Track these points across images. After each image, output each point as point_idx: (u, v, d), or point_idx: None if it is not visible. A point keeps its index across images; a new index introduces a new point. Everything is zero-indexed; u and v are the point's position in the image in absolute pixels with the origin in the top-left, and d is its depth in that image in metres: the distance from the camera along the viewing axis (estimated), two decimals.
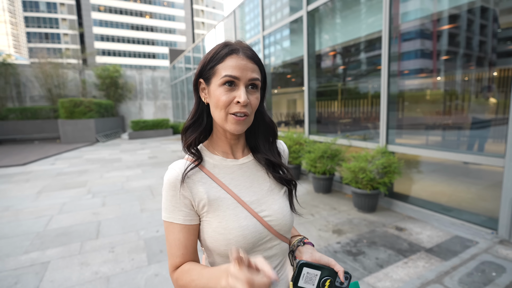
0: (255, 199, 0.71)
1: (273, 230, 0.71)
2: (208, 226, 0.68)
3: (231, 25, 8.40)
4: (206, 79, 0.69)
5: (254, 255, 0.66)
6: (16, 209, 4.02)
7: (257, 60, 0.68)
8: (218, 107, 0.66)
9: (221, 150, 0.75)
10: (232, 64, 0.64)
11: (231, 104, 0.65)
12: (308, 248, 0.74)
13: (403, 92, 3.76)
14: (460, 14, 3.17)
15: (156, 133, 14.58)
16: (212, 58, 0.66)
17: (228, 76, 0.64)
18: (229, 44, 0.67)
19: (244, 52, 0.66)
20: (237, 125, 0.66)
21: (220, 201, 0.68)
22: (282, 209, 0.73)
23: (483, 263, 2.26)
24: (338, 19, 4.62)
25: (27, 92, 15.50)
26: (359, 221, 3.26)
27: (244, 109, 0.65)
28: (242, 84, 0.65)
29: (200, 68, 0.69)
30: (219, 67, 0.65)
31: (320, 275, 0.67)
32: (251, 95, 0.67)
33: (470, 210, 3.08)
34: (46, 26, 48.63)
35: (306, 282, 0.66)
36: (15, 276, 2.33)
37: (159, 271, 2.36)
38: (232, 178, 0.72)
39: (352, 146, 4.28)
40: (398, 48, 3.59)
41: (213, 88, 0.67)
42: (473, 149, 3.13)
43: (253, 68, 0.66)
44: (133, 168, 6.77)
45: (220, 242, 0.66)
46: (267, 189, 0.74)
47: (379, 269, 2.28)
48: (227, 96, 0.64)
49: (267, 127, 0.78)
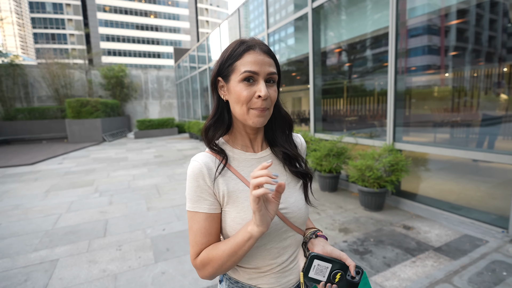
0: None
1: (288, 222, 0.73)
2: (227, 216, 0.70)
3: (235, 24, 8.38)
4: (224, 76, 0.70)
5: (270, 244, 0.72)
6: (25, 207, 4.09)
7: (272, 54, 0.70)
8: (240, 102, 0.67)
9: (240, 144, 0.77)
10: (250, 60, 0.65)
11: (252, 99, 0.66)
12: (320, 240, 0.76)
13: (411, 89, 3.70)
14: (468, 9, 3.11)
15: (161, 132, 14.66)
16: (230, 56, 0.68)
17: (248, 71, 0.65)
18: (245, 41, 0.68)
19: (260, 48, 0.68)
20: (259, 118, 0.68)
21: (239, 192, 0.71)
22: (298, 202, 0.75)
23: (493, 262, 2.22)
24: (344, 16, 4.57)
25: (35, 93, 15.71)
26: (366, 220, 3.23)
27: (265, 104, 0.67)
28: (261, 79, 0.66)
29: (218, 67, 0.71)
30: (238, 63, 0.66)
31: (331, 268, 0.67)
32: (270, 88, 0.68)
33: (480, 209, 3.02)
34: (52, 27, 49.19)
35: (316, 274, 0.67)
36: (25, 274, 2.36)
37: (166, 269, 2.37)
38: (250, 171, 0.74)
39: (358, 144, 4.24)
40: (405, 44, 3.53)
41: (232, 85, 0.68)
42: (482, 147, 3.07)
43: (270, 63, 0.68)
44: (139, 167, 6.82)
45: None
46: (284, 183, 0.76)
47: (387, 268, 2.26)
48: (248, 91, 0.66)
49: (283, 119, 0.79)
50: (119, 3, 50.53)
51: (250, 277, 0.75)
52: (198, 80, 12.71)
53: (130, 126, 18.15)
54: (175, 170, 6.27)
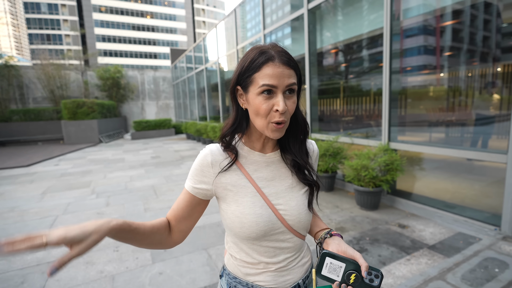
0: (274, 192, 0.76)
1: (286, 224, 0.75)
2: (227, 207, 0.74)
3: (232, 24, 8.39)
4: (243, 87, 0.70)
5: (266, 243, 0.74)
6: (21, 209, 4.07)
7: (293, 64, 0.69)
8: (259, 115, 0.68)
9: (253, 144, 0.79)
10: (269, 73, 0.65)
11: (271, 112, 0.67)
12: (335, 239, 0.75)
13: (406, 89, 3.74)
14: (463, 9, 3.15)
15: (158, 133, 14.63)
16: (249, 67, 0.67)
17: (266, 85, 0.65)
18: (265, 52, 0.67)
19: (280, 59, 0.66)
20: (276, 132, 0.69)
21: (241, 187, 0.74)
22: (299, 206, 0.76)
23: (486, 260, 2.26)
24: (339, 16, 4.61)
25: (30, 94, 15.60)
26: (362, 219, 3.26)
27: (283, 117, 0.67)
28: (279, 92, 0.66)
29: (237, 76, 0.71)
30: (256, 76, 0.66)
31: (345, 268, 0.65)
32: (288, 99, 0.68)
33: (473, 207, 3.07)
34: (47, 28, 48.83)
35: (329, 272, 0.66)
36: (22, 276, 2.36)
37: (163, 270, 2.38)
38: (256, 170, 0.76)
39: (354, 144, 4.27)
40: (400, 44, 3.57)
41: (251, 97, 0.68)
42: (476, 146, 3.11)
43: (289, 74, 0.67)
44: (136, 168, 6.81)
45: (236, 224, 0.72)
46: (288, 186, 0.78)
47: (382, 266, 2.29)
48: (267, 105, 0.66)
49: (299, 126, 0.79)
50: (115, 3, 50.30)
51: (247, 273, 0.77)
52: (195, 81, 12.70)
53: (127, 127, 18.09)
54: (172, 171, 6.27)
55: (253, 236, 0.72)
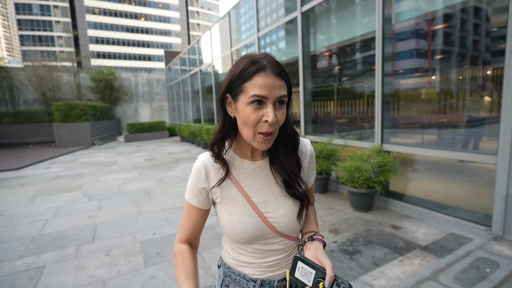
0: (263, 201, 0.76)
1: (275, 230, 0.76)
2: (220, 213, 0.78)
3: (226, 27, 8.40)
4: (233, 95, 0.69)
5: (256, 245, 0.76)
6: (10, 214, 3.98)
7: (284, 76, 0.68)
8: (247, 125, 0.67)
9: (242, 152, 0.79)
10: (260, 83, 0.63)
11: (259, 122, 0.66)
12: (314, 244, 0.73)
13: (398, 91, 3.79)
14: (453, 14, 3.21)
15: (152, 135, 14.51)
16: (240, 76, 0.66)
17: (256, 96, 0.64)
18: (257, 61, 0.65)
19: (272, 69, 0.65)
20: (264, 144, 0.69)
21: (231, 196, 0.76)
22: (288, 214, 0.76)
23: (477, 260, 2.28)
24: (333, 20, 4.65)
25: (21, 96, 15.34)
26: (356, 220, 3.27)
27: (271, 128, 0.66)
28: (270, 103, 0.65)
29: (227, 84, 0.69)
30: (247, 85, 0.65)
31: (315, 275, 0.65)
32: (278, 111, 0.67)
33: (465, 208, 3.11)
34: (39, 29, 48.25)
35: (301, 276, 0.66)
36: (10, 282, 2.30)
37: (156, 274, 2.35)
38: (245, 178, 0.77)
39: (347, 146, 4.30)
40: (393, 47, 3.62)
41: (240, 106, 0.67)
42: (468, 147, 3.16)
43: (280, 85, 0.66)
44: (129, 171, 6.73)
45: (227, 230, 0.76)
46: (277, 194, 0.78)
47: (375, 267, 2.29)
48: (256, 115, 0.65)
49: (288, 137, 0.77)
50: (108, 5, 49.99)
51: (239, 265, 0.81)
52: (189, 83, 12.66)
53: (120, 129, 17.90)
54: (166, 174, 6.22)
55: (243, 242, 0.76)
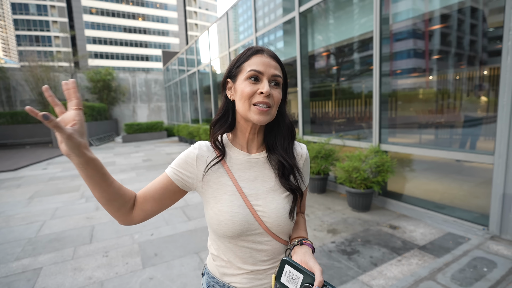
0: (254, 193, 0.75)
1: (264, 226, 0.74)
2: (207, 203, 0.76)
3: (224, 27, 8.39)
4: (233, 77, 0.75)
5: (242, 243, 0.73)
6: (6, 215, 3.95)
7: (278, 60, 0.75)
8: (243, 98, 0.71)
9: (239, 143, 0.80)
10: (256, 61, 0.71)
11: (254, 94, 0.70)
12: (303, 248, 0.72)
13: (396, 91, 3.80)
14: (450, 14, 3.23)
15: (150, 135, 14.48)
16: (239, 58, 0.74)
17: (253, 70, 0.70)
18: (254, 47, 0.74)
19: (267, 52, 0.73)
20: (260, 115, 0.70)
21: (221, 185, 0.75)
22: (278, 210, 0.74)
23: (474, 259, 2.29)
24: (331, 20, 4.66)
25: (18, 96, 15.25)
26: (354, 220, 3.28)
27: (267, 100, 0.69)
28: (265, 78, 0.70)
29: (229, 69, 0.76)
30: (245, 64, 0.72)
31: (303, 280, 0.62)
32: (274, 90, 0.72)
33: (462, 207, 3.12)
34: (36, 29, 47.92)
35: (288, 281, 0.64)
36: (6, 284, 2.28)
37: (154, 275, 2.34)
38: (239, 169, 0.77)
39: (345, 146, 4.31)
40: (390, 48, 3.63)
41: (238, 83, 0.72)
42: (465, 147, 3.17)
43: (275, 66, 0.72)
44: (127, 171, 6.71)
45: (214, 221, 0.73)
46: (269, 188, 0.77)
47: (373, 267, 2.30)
48: (251, 88, 0.70)
49: (287, 128, 0.81)
50: (106, 5, 49.79)
51: (224, 273, 0.78)
52: (187, 83, 12.64)
53: (118, 130, 17.84)
54: None
55: (229, 235, 0.72)
